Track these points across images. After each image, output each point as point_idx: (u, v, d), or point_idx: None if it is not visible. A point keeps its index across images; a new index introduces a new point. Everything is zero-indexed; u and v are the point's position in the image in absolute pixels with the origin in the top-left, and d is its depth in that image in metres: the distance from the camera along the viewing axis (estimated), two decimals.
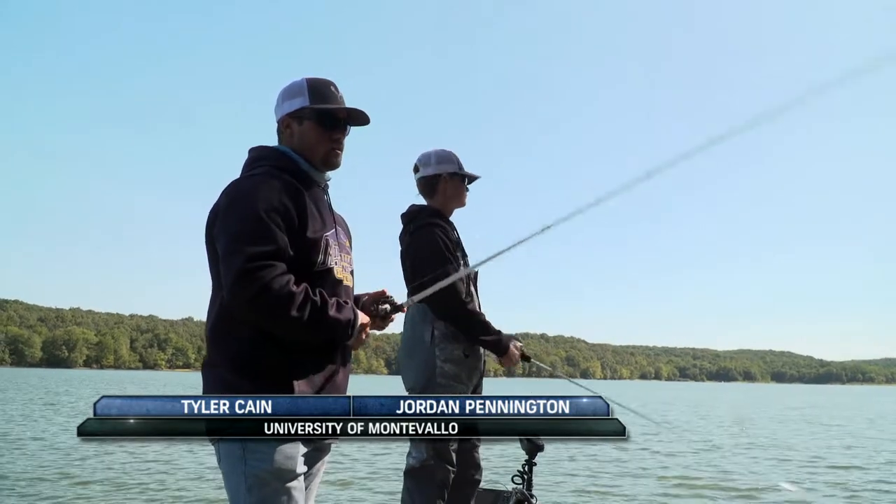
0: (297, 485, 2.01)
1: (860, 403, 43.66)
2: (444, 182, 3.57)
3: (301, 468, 2.03)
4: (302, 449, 2.03)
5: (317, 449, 2.15)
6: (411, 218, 3.60)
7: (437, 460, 3.32)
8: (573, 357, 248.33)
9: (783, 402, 44.12)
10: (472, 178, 3.64)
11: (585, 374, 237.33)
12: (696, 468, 10.27)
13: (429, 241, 3.45)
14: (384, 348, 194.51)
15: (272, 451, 1.95)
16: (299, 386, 2.04)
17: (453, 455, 3.37)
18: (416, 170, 3.66)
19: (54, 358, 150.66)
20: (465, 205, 3.64)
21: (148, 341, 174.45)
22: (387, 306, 2.24)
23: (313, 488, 2.22)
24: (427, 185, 3.60)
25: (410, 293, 3.46)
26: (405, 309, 2.30)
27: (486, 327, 3.45)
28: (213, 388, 2.06)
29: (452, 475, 3.37)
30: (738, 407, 33.82)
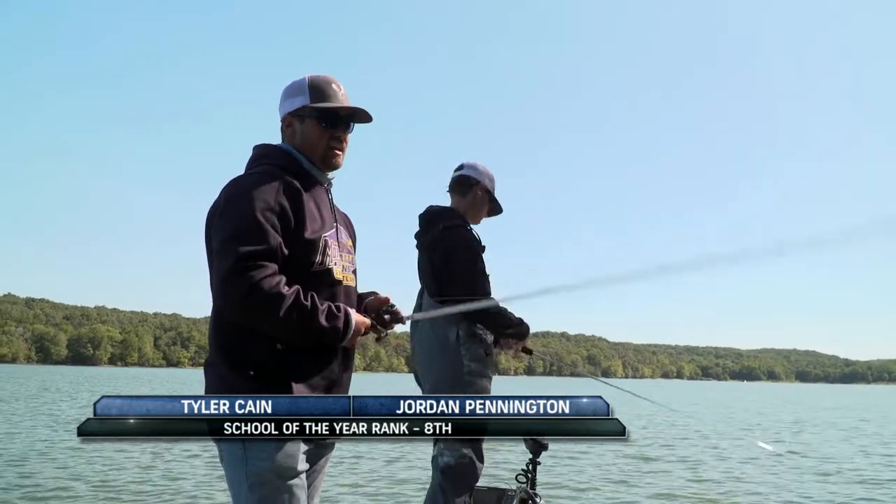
0: (298, 482, 2.02)
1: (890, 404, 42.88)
2: (480, 189, 3.66)
3: (303, 466, 2.03)
4: (303, 447, 2.03)
5: (319, 446, 2.16)
6: (436, 216, 3.63)
7: (473, 458, 3.35)
8: (594, 356, 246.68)
9: (809, 402, 43.42)
10: (497, 208, 3.73)
11: (606, 373, 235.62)
12: (698, 469, 10.22)
13: (466, 246, 3.50)
14: (404, 346, 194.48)
15: (273, 449, 1.95)
16: (298, 387, 2.04)
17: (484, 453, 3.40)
18: (459, 167, 3.72)
19: (79, 355, 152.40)
20: (479, 223, 3.71)
21: (171, 339, 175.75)
22: (387, 317, 2.23)
23: (317, 485, 2.23)
24: (464, 183, 3.67)
25: (430, 296, 3.51)
26: (405, 322, 2.28)
27: (510, 321, 3.50)
28: (212, 386, 2.07)
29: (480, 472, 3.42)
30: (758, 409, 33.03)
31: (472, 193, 3.65)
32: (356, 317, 2.11)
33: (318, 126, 2.21)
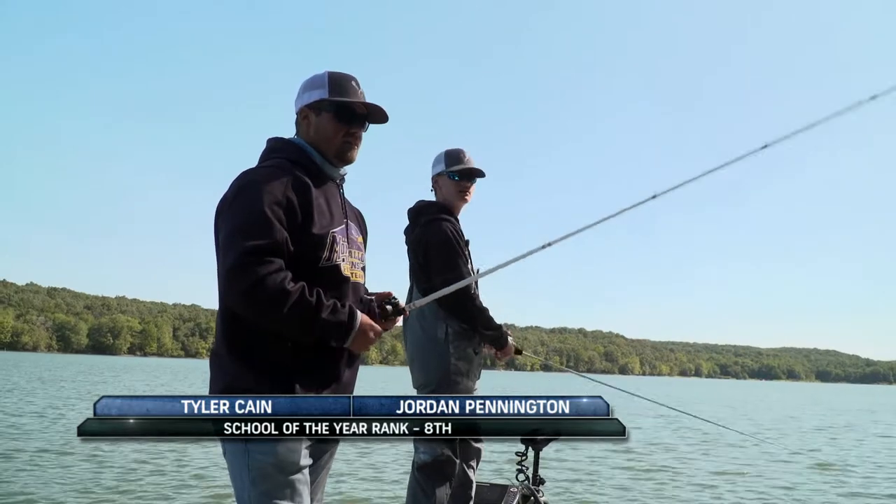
0: (300, 477, 2.03)
1: None
2: (436, 182, 3.68)
3: (305, 460, 2.04)
4: (306, 441, 2.03)
5: (322, 441, 2.15)
6: (419, 212, 3.65)
7: (451, 455, 3.39)
8: (611, 353, 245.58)
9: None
10: (465, 174, 3.62)
11: (624, 370, 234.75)
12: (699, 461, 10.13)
13: (441, 236, 3.49)
14: None
15: (275, 443, 1.96)
16: (301, 382, 2.04)
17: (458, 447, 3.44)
18: None
19: (99, 345, 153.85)
20: (467, 201, 3.68)
21: (190, 330, 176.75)
22: (389, 308, 2.20)
23: (321, 481, 2.23)
24: (432, 185, 3.71)
25: (419, 290, 3.52)
26: (407, 312, 2.26)
27: (490, 322, 3.51)
28: (216, 378, 2.09)
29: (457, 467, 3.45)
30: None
31: (436, 188, 3.69)
32: (362, 317, 2.09)
33: (334, 120, 2.21)
